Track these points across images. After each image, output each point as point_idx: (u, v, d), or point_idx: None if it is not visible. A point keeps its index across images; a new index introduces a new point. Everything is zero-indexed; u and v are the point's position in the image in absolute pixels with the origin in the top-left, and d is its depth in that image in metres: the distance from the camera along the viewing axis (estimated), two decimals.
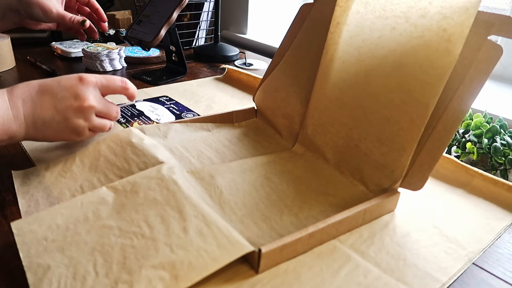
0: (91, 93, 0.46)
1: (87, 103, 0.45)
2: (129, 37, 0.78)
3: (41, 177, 0.44)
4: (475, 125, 0.57)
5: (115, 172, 0.45)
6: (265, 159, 0.49)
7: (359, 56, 0.46)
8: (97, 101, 0.47)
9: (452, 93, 0.39)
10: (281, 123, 0.56)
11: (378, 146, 0.43)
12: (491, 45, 0.38)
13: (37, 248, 0.33)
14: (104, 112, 0.48)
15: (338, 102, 0.48)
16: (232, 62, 0.99)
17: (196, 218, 0.35)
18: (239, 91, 0.78)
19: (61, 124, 0.45)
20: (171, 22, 0.76)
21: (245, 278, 0.33)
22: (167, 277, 0.31)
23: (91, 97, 0.46)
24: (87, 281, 0.30)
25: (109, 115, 0.49)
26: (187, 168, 0.47)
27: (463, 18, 0.37)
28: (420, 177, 0.41)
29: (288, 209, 0.41)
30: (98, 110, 0.47)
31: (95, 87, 0.47)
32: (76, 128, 0.46)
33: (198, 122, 0.57)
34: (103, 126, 0.49)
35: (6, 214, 0.40)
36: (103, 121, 0.48)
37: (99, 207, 0.37)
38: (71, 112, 0.45)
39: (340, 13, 0.47)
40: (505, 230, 0.42)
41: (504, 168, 0.52)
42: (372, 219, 0.41)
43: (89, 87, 0.46)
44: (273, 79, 0.58)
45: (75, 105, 0.45)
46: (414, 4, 0.41)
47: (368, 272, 0.35)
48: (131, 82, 0.52)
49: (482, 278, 0.36)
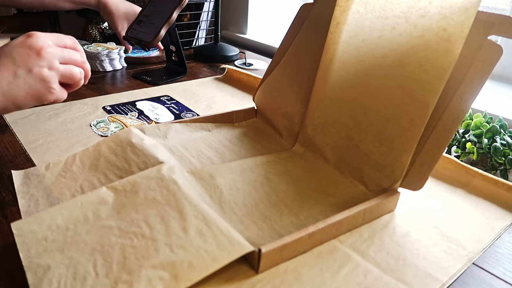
0: (44, 42, 0.45)
1: (44, 49, 0.44)
2: (129, 37, 0.78)
3: (41, 177, 0.44)
4: (475, 125, 0.57)
5: (115, 172, 0.45)
6: (265, 159, 0.49)
7: (359, 56, 0.46)
8: (54, 48, 0.45)
9: (452, 93, 0.39)
10: (281, 123, 0.56)
11: (378, 146, 0.43)
12: (491, 45, 0.38)
13: (37, 248, 0.33)
14: (67, 57, 0.46)
15: (338, 102, 0.48)
16: (232, 62, 0.99)
17: (196, 218, 0.35)
18: (239, 91, 0.78)
19: (27, 78, 0.43)
20: (171, 22, 0.76)
21: (245, 278, 0.33)
22: (167, 277, 0.31)
23: (45, 44, 0.44)
24: (87, 281, 0.30)
25: (74, 61, 0.47)
26: (187, 168, 0.47)
27: (463, 18, 0.37)
28: (420, 177, 0.41)
29: (288, 209, 0.41)
30: (59, 56, 0.45)
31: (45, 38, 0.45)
32: (43, 78, 0.44)
33: (198, 122, 0.57)
34: (71, 72, 0.46)
35: (6, 214, 0.40)
36: (70, 67, 0.46)
37: (99, 207, 0.37)
38: (31, 62, 0.43)
39: (340, 13, 0.47)
40: (505, 230, 0.42)
41: (504, 168, 0.52)
42: (372, 219, 0.41)
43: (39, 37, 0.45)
44: (273, 79, 0.58)
45: (32, 54, 0.43)
46: (414, 4, 0.41)
47: (368, 272, 0.35)
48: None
49: (482, 278, 0.36)
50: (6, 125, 0.58)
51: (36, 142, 0.53)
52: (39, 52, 0.43)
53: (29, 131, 0.57)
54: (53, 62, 0.44)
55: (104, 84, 0.78)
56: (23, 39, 0.44)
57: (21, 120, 0.60)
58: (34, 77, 0.43)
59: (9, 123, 0.59)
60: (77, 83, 0.48)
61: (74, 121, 0.60)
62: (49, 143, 0.53)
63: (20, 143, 0.53)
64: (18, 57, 0.43)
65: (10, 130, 0.57)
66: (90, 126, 0.59)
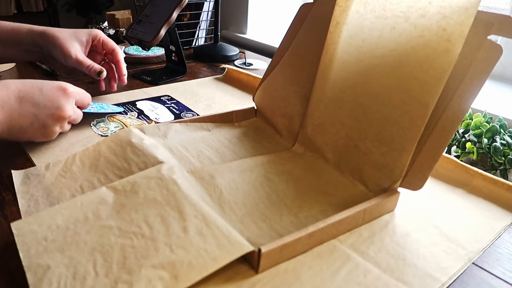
0: (70, 105, 0.49)
1: (68, 114, 0.49)
2: (129, 37, 0.78)
3: (41, 177, 0.44)
4: (475, 125, 0.57)
5: (115, 172, 0.45)
6: (265, 159, 0.49)
7: (358, 56, 0.46)
8: (73, 111, 0.51)
9: (452, 93, 0.39)
10: (281, 123, 0.56)
11: (378, 145, 0.43)
12: (491, 45, 0.38)
13: (37, 248, 0.33)
14: (73, 119, 0.52)
15: (337, 101, 0.48)
16: (232, 62, 0.99)
17: (196, 218, 0.35)
18: (239, 91, 0.78)
19: (37, 130, 0.47)
20: (171, 22, 0.76)
21: (245, 278, 0.33)
22: (167, 277, 0.31)
23: (70, 108, 0.49)
24: (87, 281, 0.30)
25: (75, 121, 0.53)
26: (187, 168, 0.47)
27: (463, 17, 0.37)
28: (420, 177, 0.41)
29: (288, 208, 0.41)
30: (71, 119, 0.51)
31: (73, 98, 0.50)
32: (51, 134, 0.49)
33: (198, 122, 0.57)
34: (67, 129, 0.53)
35: (6, 214, 0.40)
36: (69, 125, 0.53)
37: (99, 207, 0.37)
38: (51, 120, 0.48)
39: (340, 12, 0.47)
40: (505, 230, 0.42)
41: (504, 168, 0.52)
42: (372, 219, 0.41)
43: (70, 98, 0.49)
44: (273, 78, 0.58)
45: (56, 115, 0.48)
46: (414, 3, 0.41)
47: (368, 272, 0.35)
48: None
49: (482, 278, 0.36)
50: None
51: (36, 142, 0.53)
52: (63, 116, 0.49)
53: None
54: (65, 123, 0.51)
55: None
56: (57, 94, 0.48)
57: None
58: (43, 131, 0.48)
59: None
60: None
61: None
62: (49, 143, 0.53)
63: (20, 143, 0.53)
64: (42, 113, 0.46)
65: None
66: (90, 126, 0.59)
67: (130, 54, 0.94)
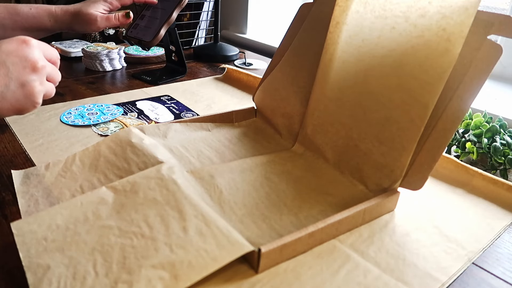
0: (39, 55, 0.43)
1: (41, 63, 0.42)
2: (129, 36, 0.78)
3: (41, 177, 0.44)
4: (474, 125, 0.57)
5: (115, 172, 0.45)
6: (265, 159, 0.49)
7: (358, 56, 0.46)
8: (46, 63, 0.44)
9: (451, 93, 0.39)
10: (281, 123, 0.56)
11: (378, 145, 0.43)
12: (491, 45, 0.38)
13: (37, 248, 0.33)
14: (52, 75, 0.45)
15: (337, 101, 0.48)
16: (232, 62, 0.99)
17: (196, 218, 0.35)
18: (239, 91, 0.78)
19: (17, 92, 0.41)
20: (171, 21, 0.76)
21: (245, 278, 0.33)
22: (167, 277, 0.31)
23: (40, 57, 0.43)
24: (87, 281, 0.30)
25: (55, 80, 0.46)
26: (187, 168, 0.47)
27: (463, 17, 0.37)
28: (420, 176, 0.41)
29: (287, 208, 0.41)
30: (49, 73, 0.44)
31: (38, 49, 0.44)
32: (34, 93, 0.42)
33: (198, 122, 0.57)
34: (52, 90, 0.46)
35: (6, 214, 0.40)
36: (52, 86, 0.46)
37: (99, 207, 0.37)
38: (26, 75, 0.42)
39: (340, 12, 0.47)
40: (505, 229, 0.42)
41: (504, 167, 0.52)
42: (372, 218, 0.41)
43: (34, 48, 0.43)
44: (273, 78, 0.58)
45: (29, 66, 0.42)
46: (414, 3, 0.41)
47: (368, 271, 0.35)
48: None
49: (482, 278, 0.36)
50: (6, 124, 0.58)
51: (36, 142, 0.53)
52: (35, 67, 0.42)
53: (29, 131, 0.57)
54: (43, 77, 0.43)
55: (104, 84, 0.78)
56: (17, 46, 0.42)
57: (21, 120, 0.60)
58: (24, 92, 0.42)
59: (9, 122, 0.59)
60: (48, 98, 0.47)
61: None
62: (49, 143, 0.53)
63: (20, 143, 0.53)
64: (12, 68, 0.41)
65: (9, 129, 0.57)
66: (90, 126, 0.59)
67: (130, 54, 0.94)
